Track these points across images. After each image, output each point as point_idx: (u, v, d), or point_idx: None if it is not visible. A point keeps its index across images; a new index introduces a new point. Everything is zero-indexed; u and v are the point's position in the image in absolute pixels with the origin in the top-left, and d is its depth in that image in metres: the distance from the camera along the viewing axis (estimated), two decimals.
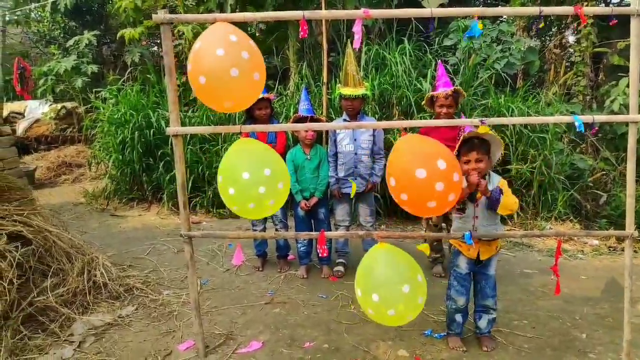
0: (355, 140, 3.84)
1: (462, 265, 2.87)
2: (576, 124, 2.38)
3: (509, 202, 2.66)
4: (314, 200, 3.86)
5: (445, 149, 2.32)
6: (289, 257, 4.30)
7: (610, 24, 2.38)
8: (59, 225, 3.90)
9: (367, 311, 2.45)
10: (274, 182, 2.40)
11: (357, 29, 2.34)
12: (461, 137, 2.71)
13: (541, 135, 5.32)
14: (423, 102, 3.89)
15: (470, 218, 2.77)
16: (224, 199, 2.48)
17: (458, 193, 2.30)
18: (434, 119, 3.91)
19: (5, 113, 9.63)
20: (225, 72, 2.21)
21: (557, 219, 5.07)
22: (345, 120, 3.91)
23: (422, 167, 2.18)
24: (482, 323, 2.91)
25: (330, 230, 4.02)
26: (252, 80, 2.31)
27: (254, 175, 2.35)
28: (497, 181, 2.80)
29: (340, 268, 4.04)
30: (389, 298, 2.32)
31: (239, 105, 2.48)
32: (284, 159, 3.96)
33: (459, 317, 2.90)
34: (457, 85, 3.79)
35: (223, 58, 2.21)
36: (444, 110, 3.63)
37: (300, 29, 2.32)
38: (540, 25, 2.57)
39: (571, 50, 6.72)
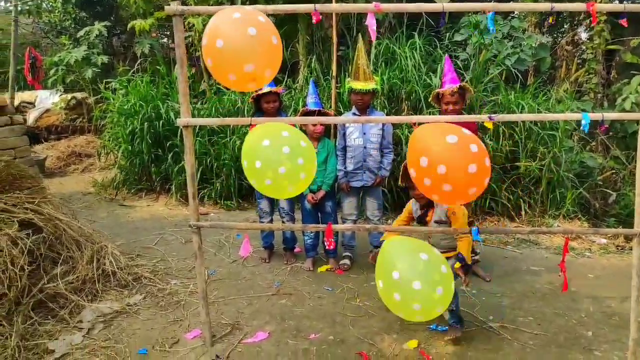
0: (364, 134, 3.84)
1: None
2: (582, 122, 2.36)
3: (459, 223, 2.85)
4: (321, 193, 3.87)
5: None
6: (295, 250, 4.32)
7: (621, 22, 2.35)
8: (69, 213, 3.95)
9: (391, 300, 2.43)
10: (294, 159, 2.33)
11: (371, 22, 2.33)
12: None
13: (551, 132, 5.29)
14: (430, 99, 3.89)
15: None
16: (256, 184, 2.44)
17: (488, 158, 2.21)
18: (440, 113, 3.91)
19: (16, 102, 9.72)
20: (243, 32, 2.16)
21: (565, 217, 5.04)
22: (354, 114, 3.91)
23: (452, 134, 2.14)
24: (446, 315, 2.95)
25: (336, 223, 4.04)
26: (271, 43, 2.26)
27: (273, 146, 2.30)
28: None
29: (347, 261, 4.06)
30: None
31: (261, 68, 2.31)
32: None
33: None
34: (466, 81, 3.78)
35: (239, 20, 2.19)
36: (450, 107, 3.62)
37: (312, 17, 2.31)
38: (551, 20, 2.54)
39: (583, 47, 6.65)
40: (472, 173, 2.09)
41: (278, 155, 2.29)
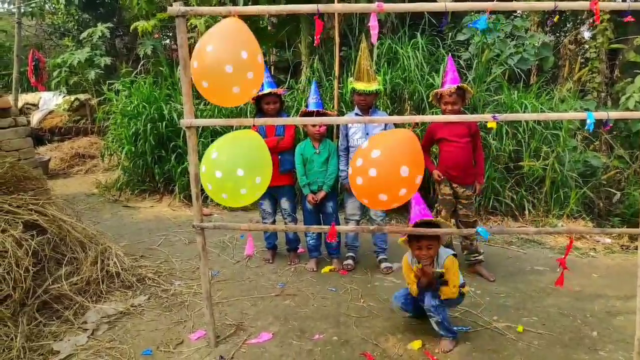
0: (367, 134, 3.84)
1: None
2: (587, 121, 2.35)
3: (448, 292, 2.77)
4: (322, 194, 3.88)
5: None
6: (298, 250, 4.32)
7: (625, 20, 2.35)
8: (73, 215, 3.97)
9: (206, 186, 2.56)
10: (251, 178, 2.48)
11: (374, 23, 2.33)
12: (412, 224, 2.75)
13: (554, 132, 5.28)
14: (430, 99, 3.89)
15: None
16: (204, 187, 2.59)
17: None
18: (442, 113, 3.90)
19: (19, 104, 9.76)
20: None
21: (569, 217, 5.02)
22: (357, 114, 3.91)
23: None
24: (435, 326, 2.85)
25: (338, 223, 4.03)
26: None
27: (226, 175, 2.45)
28: (444, 260, 2.83)
29: (350, 262, 4.06)
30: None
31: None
32: (292, 153, 3.97)
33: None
34: (468, 82, 3.77)
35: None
36: (449, 107, 3.62)
37: (316, 32, 2.32)
38: (556, 19, 2.54)
39: (586, 46, 6.63)
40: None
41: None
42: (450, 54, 5.69)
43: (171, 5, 2.44)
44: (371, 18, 2.36)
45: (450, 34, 6.21)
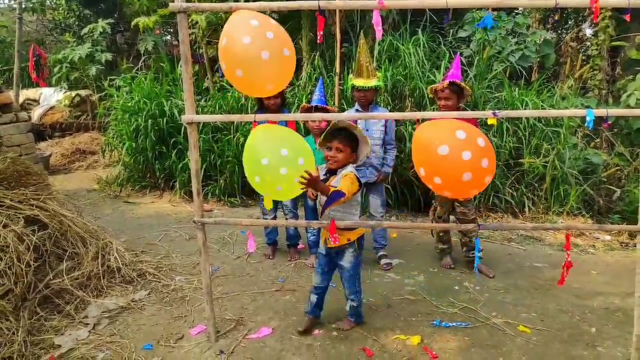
0: (367, 130, 3.84)
1: (322, 247, 2.97)
2: (587, 118, 2.35)
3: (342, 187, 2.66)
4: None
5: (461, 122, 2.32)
6: (299, 246, 4.33)
7: (626, 17, 2.35)
8: (74, 210, 3.98)
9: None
10: (294, 160, 2.45)
11: (377, 19, 2.33)
12: (332, 124, 2.76)
13: (555, 129, 5.28)
14: (428, 94, 3.90)
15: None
16: (255, 187, 2.58)
17: (491, 157, 2.25)
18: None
19: (20, 100, 9.75)
20: (257, 58, 2.28)
21: (569, 214, 5.03)
22: (357, 110, 3.92)
23: (444, 144, 2.18)
24: (347, 307, 3.02)
25: None
26: (283, 56, 2.38)
27: (273, 159, 2.41)
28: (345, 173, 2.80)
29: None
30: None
31: (280, 85, 2.60)
32: None
33: (312, 297, 3.01)
34: (469, 78, 3.77)
35: (250, 45, 2.27)
36: (442, 102, 3.64)
37: (318, 29, 2.33)
38: (557, 17, 2.54)
39: (588, 43, 6.63)
40: (468, 181, 2.21)
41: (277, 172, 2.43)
42: (453, 52, 5.71)
43: (172, 1, 2.44)
44: (374, 15, 2.36)
45: (451, 30, 6.20)
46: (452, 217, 3.99)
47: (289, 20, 6.64)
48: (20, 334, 2.79)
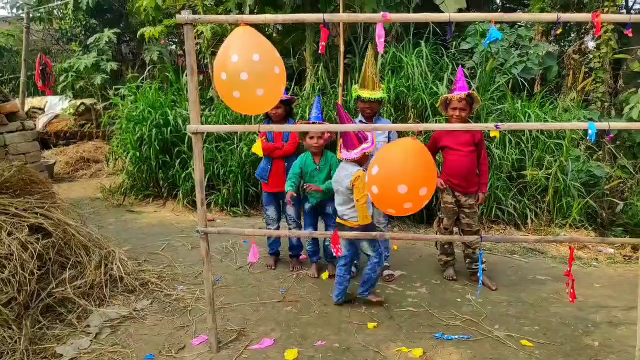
0: None
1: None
2: (589, 131, 2.37)
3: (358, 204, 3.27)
4: (314, 187, 3.78)
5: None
6: (301, 257, 4.33)
7: (626, 32, 2.37)
8: (78, 219, 4.00)
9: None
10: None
11: (380, 32, 2.36)
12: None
13: (558, 141, 5.29)
14: (437, 104, 3.91)
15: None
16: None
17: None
18: (447, 122, 3.92)
19: (26, 108, 9.84)
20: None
21: (572, 227, 5.02)
22: (361, 121, 3.93)
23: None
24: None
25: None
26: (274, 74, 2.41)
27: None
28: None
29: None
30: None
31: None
32: (295, 159, 3.95)
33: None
34: (472, 90, 3.79)
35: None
36: (457, 112, 3.64)
37: (321, 40, 2.36)
38: (558, 31, 2.56)
39: (590, 56, 6.65)
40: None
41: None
42: (456, 64, 5.75)
43: (178, 11, 2.48)
44: (377, 28, 2.39)
45: (454, 42, 6.25)
46: (455, 229, 3.99)
47: (293, 31, 6.71)
48: (23, 343, 2.80)
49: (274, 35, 7.51)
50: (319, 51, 2.40)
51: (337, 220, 3.46)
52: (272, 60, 2.39)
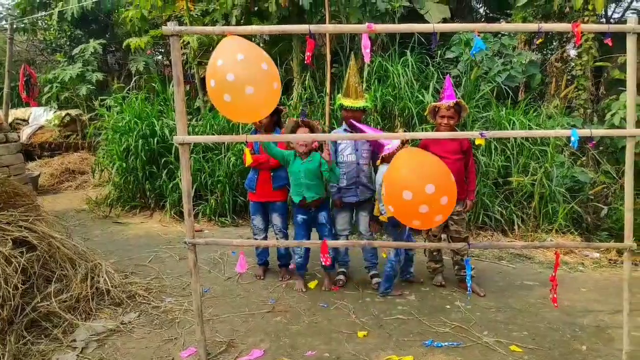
0: (357, 150, 3.88)
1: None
2: (572, 139, 2.41)
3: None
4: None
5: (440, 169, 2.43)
6: (290, 266, 4.31)
7: (606, 42, 2.42)
8: (63, 231, 3.94)
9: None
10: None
11: (366, 43, 2.38)
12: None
13: (542, 147, 5.37)
14: (425, 112, 3.94)
15: None
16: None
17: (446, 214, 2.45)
18: (434, 130, 3.96)
19: (9, 119, 9.72)
20: (241, 91, 2.33)
21: (558, 232, 5.08)
22: (345, 130, 3.95)
23: (409, 190, 2.35)
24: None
25: (332, 234, 3.98)
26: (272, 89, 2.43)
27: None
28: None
29: (342, 277, 4.06)
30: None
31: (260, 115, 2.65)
32: (285, 169, 3.92)
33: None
34: (459, 98, 3.84)
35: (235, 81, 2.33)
36: (445, 120, 3.68)
37: (307, 50, 2.37)
38: (539, 41, 2.62)
39: (572, 64, 6.78)
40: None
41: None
42: (441, 73, 5.82)
43: (164, 22, 2.48)
44: (363, 38, 2.41)
45: (439, 51, 6.33)
46: (443, 236, 4.01)
47: (280, 41, 6.74)
48: (7, 359, 2.74)
49: (261, 45, 7.53)
50: (305, 61, 2.41)
51: (380, 217, 3.74)
52: (258, 57, 2.38)
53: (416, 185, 2.33)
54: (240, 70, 2.31)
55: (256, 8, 6.51)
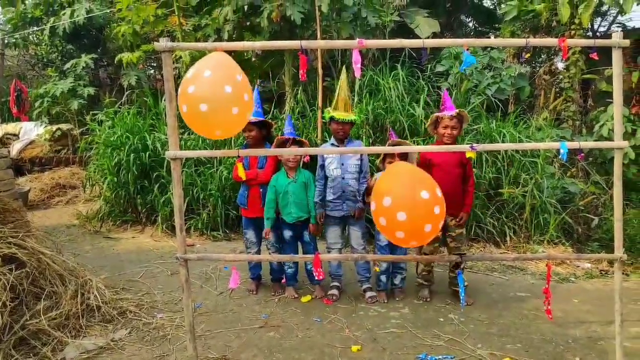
0: (342, 164, 3.88)
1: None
2: (561, 151, 2.45)
3: None
4: (312, 228, 3.96)
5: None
6: (282, 281, 4.28)
7: (592, 56, 2.47)
8: (53, 247, 3.90)
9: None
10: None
11: (357, 58, 2.41)
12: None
13: (532, 159, 5.42)
14: (427, 124, 3.94)
15: None
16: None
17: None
18: (436, 141, 3.97)
19: (0, 134, 9.66)
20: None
21: (550, 242, 5.11)
22: (332, 144, 3.98)
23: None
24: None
25: (316, 251, 3.99)
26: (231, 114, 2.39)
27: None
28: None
29: (335, 292, 4.04)
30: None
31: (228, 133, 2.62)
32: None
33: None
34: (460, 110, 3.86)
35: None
36: (448, 131, 3.70)
37: (300, 67, 2.39)
38: (527, 55, 2.67)
39: (560, 76, 6.89)
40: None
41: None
42: (431, 86, 5.88)
43: (156, 37, 2.49)
44: (353, 54, 2.44)
45: (429, 65, 6.40)
46: (442, 249, 4.01)
47: (272, 55, 6.78)
48: None
49: (253, 59, 7.57)
50: (300, 78, 2.43)
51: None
52: (225, 78, 2.37)
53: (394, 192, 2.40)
54: (201, 85, 2.34)
55: (248, 23, 6.56)
